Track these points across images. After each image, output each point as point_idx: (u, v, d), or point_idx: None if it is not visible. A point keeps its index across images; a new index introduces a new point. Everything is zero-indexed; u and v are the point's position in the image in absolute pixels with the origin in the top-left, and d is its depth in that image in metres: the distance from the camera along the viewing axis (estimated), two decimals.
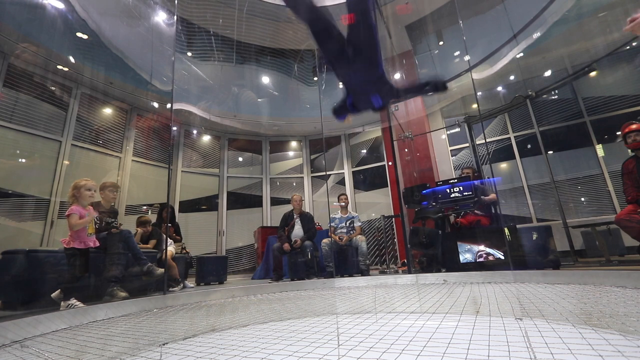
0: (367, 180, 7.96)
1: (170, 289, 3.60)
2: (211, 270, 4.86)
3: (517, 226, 3.77)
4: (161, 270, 3.19)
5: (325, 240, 4.75)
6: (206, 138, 7.88)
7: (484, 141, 6.39)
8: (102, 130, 5.89)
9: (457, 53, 6.41)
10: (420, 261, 4.28)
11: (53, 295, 2.60)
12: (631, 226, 2.95)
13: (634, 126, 3.14)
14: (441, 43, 6.85)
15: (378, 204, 7.68)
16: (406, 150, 6.15)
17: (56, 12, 4.57)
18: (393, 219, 6.51)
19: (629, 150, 3.28)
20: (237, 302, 3.09)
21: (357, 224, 4.84)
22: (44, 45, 4.84)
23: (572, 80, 5.34)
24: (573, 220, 5.14)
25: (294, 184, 8.43)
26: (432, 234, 4.30)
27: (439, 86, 2.16)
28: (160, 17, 5.40)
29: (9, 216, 4.41)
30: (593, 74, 5.35)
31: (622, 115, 5.21)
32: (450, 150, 7.00)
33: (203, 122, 7.44)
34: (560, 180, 5.67)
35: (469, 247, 3.81)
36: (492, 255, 3.64)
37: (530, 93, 5.34)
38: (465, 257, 3.80)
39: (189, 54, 6.44)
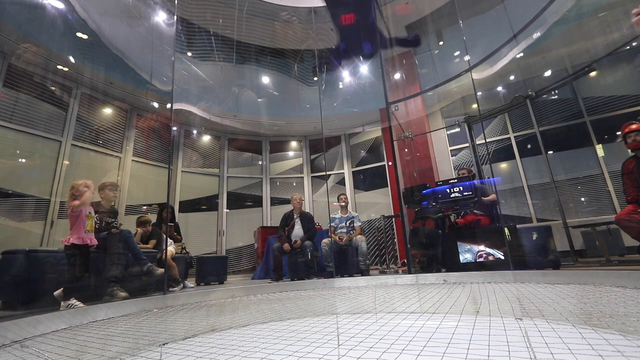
0: (367, 180, 7.95)
1: (170, 289, 3.60)
2: (211, 270, 4.86)
3: (517, 226, 3.76)
4: (161, 270, 3.19)
5: (325, 240, 4.75)
6: (206, 138, 7.88)
7: (484, 141, 6.39)
8: (102, 130, 5.89)
9: (457, 53, 6.41)
10: (420, 261, 4.28)
11: (55, 293, 2.60)
12: (631, 226, 2.94)
13: (634, 126, 3.14)
14: (441, 43, 6.85)
15: (378, 204, 7.68)
16: (406, 150, 6.15)
17: (56, 12, 4.57)
18: (393, 219, 6.51)
19: (629, 150, 3.28)
20: (237, 302, 3.09)
21: (357, 224, 4.84)
22: (44, 45, 4.84)
23: (572, 80, 5.34)
24: (573, 220, 5.14)
25: (294, 184, 8.43)
26: (432, 234, 4.30)
27: (417, 40, 2.30)
28: (160, 17, 5.40)
29: (9, 216, 4.41)
30: (593, 74, 5.35)
31: (622, 115, 5.21)
32: (450, 150, 7.00)
33: (203, 122, 7.44)
34: (560, 180, 5.67)
35: (469, 247, 3.81)
36: (492, 255, 3.64)
37: (530, 93, 5.34)
38: (465, 257, 3.80)
39: (189, 54, 6.44)
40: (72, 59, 5.25)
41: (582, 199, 5.54)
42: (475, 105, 6.45)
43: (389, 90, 5.18)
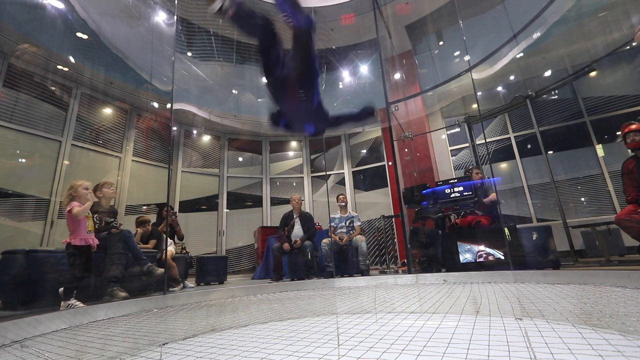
0: (367, 180, 7.95)
1: (170, 289, 3.60)
2: (211, 270, 4.86)
3: (517, 226, 3.76)
4: (161, 270, 3.19)
5: (325, 240, 4.75)
6: (206, 138, 7.88)
7: (484, 141, 6.39)
8: (102, 130, 5.88)
9: (457, 53, 6.41)
10: (420, 261, 4.28)
11: (60, 290, 2.59)
12: (631, 226, 2.94)
13: (633, 126, 3.14)
14: (441, 43, 6.85)
15: (378, 204, 7.68)
16: (406, 150, 6.15)
17: (56, 12, 4.57)
18: (393, 219, 6.51)
19: (629, 150, 3.28)
20: (237, 302, 3.09)
21: (356, 224, 4.84)
22: (44, 45, 4.84)
23: (572, 80, 5.34)
24: (573, 220, 5.14)
25: (294, 184, 8.43)
26: (432, 234, 4.30)
27: (370, 112, 2.24)
28: (160, 17, 5.40)
29: (9, 216, 4.41)
30: (593, 74, 5.35)
31: (622, 115, 5.20)
32: (450, 150, 7.00)
33: (203, 122, 7.44)
34: (560, 180, 5.67)
35: (469, 247, 3.81)
36: (492, 255, 3.64)
37: (530, 93, 5.34)
38: (465, 257, 3.80)
39: (189, 54, 6.44)
40: (72, 59, 5.24)
41: (582, 199, 5.54)
42: (475, 105, 6.45)
43: (389, 90, 5.18)
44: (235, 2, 1.63)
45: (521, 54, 5.67)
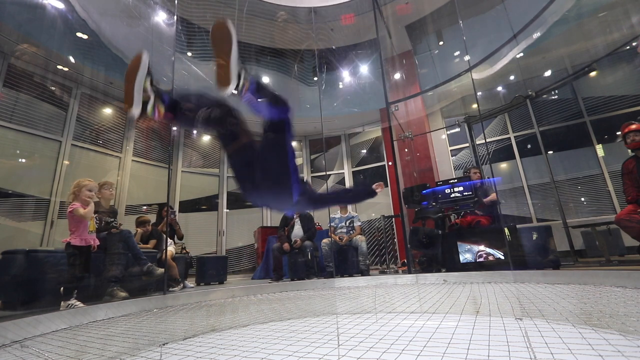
0: (367, 180, 7.95)
1: (170, 289, 3.60)
2: (211, 270, 4.86)
3: (517, 226, 3.76)
4: (161, 270, 3.19)
5: (325, 240, 4.75)
6: (206, 138, 7.88)
7: (484, 141, 6.39)
8: (102, 130, 5.88)
9: (457, 53, 6.41)
10: (420, 261, 4.28)
11: (62, 290, 2.59)
12: (631, 226, 2.94)
13: (633, 126, 3.14)
14: (441, 43, 6.84)
15: (378, 204, 7.68)
16: (406, 150, 6.14)
17: (56, 12, 4.57)
18: (393, 219, 6.51)
19: (629, 150, 3.28)
20: (237, 302, 3.09)
21: (357, 224, 4.84)
22: (44, 45, 4.84)
23: (572, 80, 5.33)
24: (573, 220, 5.14)
25: None
26: (432, 234, 4.30)
27: (371, 194, 2.07)
28: (160, 17, 5.39)
29: (9, 216, 4.41)
30: (593, 74, 5.35)
31: (622, 115, 5.20)
32: (450, 150, 7.00)
33: None
34: (560, 180, 5.67)
35: (469, 247, 3.81)
36: (492, 255, 3.63)
37: (530, 93, 5.34)
38: (465, 257, 3.80)
39: (189, 54, 6.43)
40: (72, 59, 5.24)
41: (582, 199, 5.54)
42: (475, 105, 6.44)
43: (389, 90, 5.18)
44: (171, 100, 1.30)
45: (521, 54, 5.67)
